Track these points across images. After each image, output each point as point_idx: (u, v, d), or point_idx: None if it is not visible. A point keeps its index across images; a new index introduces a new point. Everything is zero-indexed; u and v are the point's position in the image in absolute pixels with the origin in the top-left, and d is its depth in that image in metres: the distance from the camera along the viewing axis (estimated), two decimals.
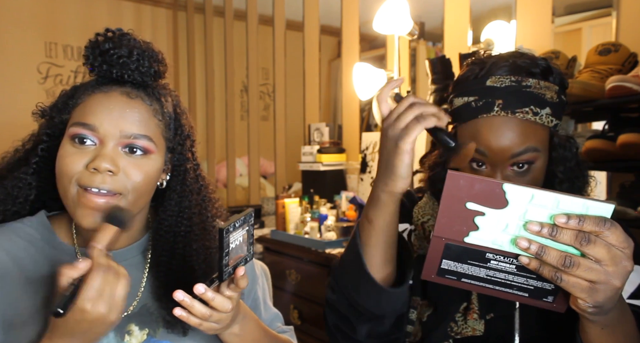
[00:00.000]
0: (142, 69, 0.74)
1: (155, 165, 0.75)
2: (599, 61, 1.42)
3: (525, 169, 0.76)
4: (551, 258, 0.53)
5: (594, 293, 0.53)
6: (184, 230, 0.79)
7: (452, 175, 0.55)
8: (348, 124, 2.78)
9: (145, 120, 0.73)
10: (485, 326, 0.80)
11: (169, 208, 0.79)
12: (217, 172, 4.00)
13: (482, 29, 1.98)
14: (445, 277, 0.62)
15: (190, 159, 0.82)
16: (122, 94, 0.73)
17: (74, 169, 0.69)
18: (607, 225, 0.52)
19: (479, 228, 0.57)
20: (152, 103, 0.75)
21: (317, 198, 2.42)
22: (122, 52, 0.72)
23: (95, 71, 0.74)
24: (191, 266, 0.77)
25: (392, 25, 2.06)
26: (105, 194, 0.70)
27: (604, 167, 1.50)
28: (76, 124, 0.71)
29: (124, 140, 0.71)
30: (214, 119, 3.99)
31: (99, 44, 0.72)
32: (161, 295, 0.76)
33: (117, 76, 0.73)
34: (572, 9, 1.76)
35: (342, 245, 2.09)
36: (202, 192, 0.83)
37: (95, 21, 3.93)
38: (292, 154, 3.19)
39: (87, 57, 0.73)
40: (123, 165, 0.71)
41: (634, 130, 1.29)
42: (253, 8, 3.51)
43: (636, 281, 0.75)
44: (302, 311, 2.14)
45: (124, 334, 0.75)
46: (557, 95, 0.78)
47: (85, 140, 0.70)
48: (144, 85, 0.76)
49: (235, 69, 3.77)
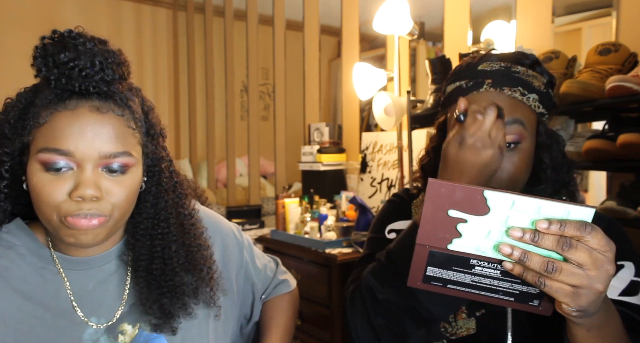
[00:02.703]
0: (107, 78, 0.66)
1: (137, 177, 0.71)
2: (599, 61, 1.42)
3: (512, 148, 0.78)
4: (534, 264, 0.54)
5: (577, 298, 0.54)
6: (161, 232, 0.76)
7: (433, 183, 0.55)
8: (348, 124, 2.78)
9: (121, 134, 0.67)
10: (477, 323, 0.80)
11: (144, 211, 0.76)
12: (217, 172, 4.00)
13: (482, 29, 1.98)
14: (431, 283, 0.62)
15: (165, 157, 0.78)
16: (91, 110, 0.65)
17: (55, 199, 0.64)
18: (588, 229, 0.52)
19: (461, 235, 0.57)
20: (123, 113, 0.68)
21: (317, 198, 2.42)
22: (81, 63, 0.63)
23: (53, 85, 0.65)
24: (172, 268, 0.76)
25: (392, 25, 2.06)
26: (92, 218, 0.66)
27: (604, 167, 1.50)
28: (46, 150, 0.64)
29: (103, 160, 0.66)
30: (214, 119, 3.99)
31: (52, 54, 0.63)
32: (144, 300, 0.74)
33: (81, 90, 0.65)
34: (572, 9, 1.76)
35: (342, 245, 2.09)
36: (177, 190, 0.80)
37: (95, 21, 3.94)
38: (292, 154, 3.19)
39: (40, 69, 0.64)
40: (105, 186, 0.67)
41: (634, 130, 1.29)
42: (253, 8, 3.51)
43: (627, 278, 0.75)
44: (302, 311, 2.14)
45: (117, 334, 0.74)
46: (544, 86, 0.81)
47: (61, 167, 0.64)
48: (112, 94, 0.68)
49: (235, 69, 3.77)
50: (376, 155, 2.47)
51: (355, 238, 2.06)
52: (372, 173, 2.47)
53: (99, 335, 0.73)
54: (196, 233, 0.80)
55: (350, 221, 2.22)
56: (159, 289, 0.74)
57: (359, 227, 2.09)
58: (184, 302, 0.76)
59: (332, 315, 1.99)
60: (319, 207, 2.34)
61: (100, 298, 0.75)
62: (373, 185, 2.46)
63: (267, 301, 0.99)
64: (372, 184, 2.47)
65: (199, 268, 0.78)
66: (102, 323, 0.74)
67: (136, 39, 4.20)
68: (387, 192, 2.38)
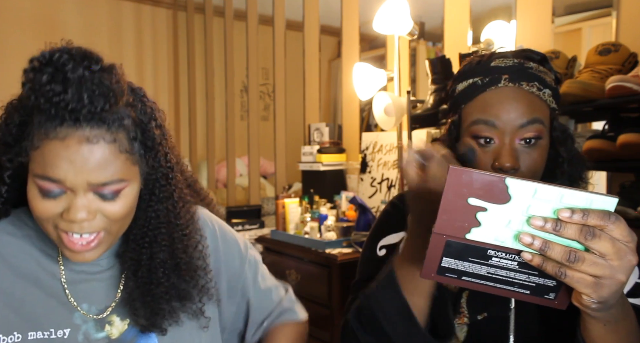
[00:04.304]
0: (97, 109, 0.63)
1: (132, 193, 0.71)
2: (599, 61, 1.42)
3: (532, 143, 0.77)
4: (555, 254, 0.52)
5: (598, 289, 0.53)
6: (148, 241, 0.76)
7: (453, 171, 0.54)
8: (348, 124, 2.78)
9: (111, 162, 0.66)
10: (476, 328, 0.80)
11: (136, 216, 0.76)
12: (217, 172, 4.00)
13: (482, 29, 1.98)
14: (446, 275, 0.61)
15: (163, 165, 0.76)
16: (80, 141, 0.64)
17: (49, 215, 0.67)
18: (611, 218, 0.51)
19: (480, 224, 0.56)
20: (115, 138, 0.66)
21: (317, 198, 2.42)
22: (68, 97, 0.61)
23: (45, 115, 0.64)
24: (157, 278, 0.75)
25: (392, 25, 2.06)
26: (86, 239, 0.69)
27: (604, 167, 1.50)
28: (40, 176, 0.66)
29: (94, 187, 0.67)
30: (214, 119, 3.99)
31: (40, 83, 0.62)
32: (132, 301, 0.75)
33: (71, 120, 0.64)
34: (572, 9, 1.76)
35: (342, 245, 2.09)
36: (173, 198, 0.78)
37: (95, 21, 3.94)
38: (292, 154, 3.19)
39: (29, 97, 0.63)
40: (98, 207, 0.68)
41: (634, 130, 1.29)
42: (253, 8, 3.51)
43: (632, 280, 0.74)
44: None
45: (105, 324, 0.75)
46: (554, 81, 0.81)
47: (53, 192, 0.66)
48: (103, 121, 0.65)
49: (235, 69, 3.77)
50: (376, 155, 2.47)
51: (355, 239, 2.06)
52: (372, 174, 2.47)
53: (88, 319, 0.75)
54: (188, 244, 0.79)
55: (350, 221, 2.22)
56: (144, 296, 0.75)
57: (359, 227, 2.09)
58: (170, 310, 0.76)
59: (332, 315, 1.99)
60: (319, 207, 2.34)
61: (93, 289, 0.77)
62: (373, 185, 2.46)
63: (270, 330, 0.93)
64: (372, 184, 2.47)
65: (186, 280, 0.77)
66: (92, 313, 0.75)
67: (136, 39, 4.20)
68: (387, 192, 2.38)
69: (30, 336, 0.71)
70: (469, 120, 0.80)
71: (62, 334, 0.72)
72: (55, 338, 0.72)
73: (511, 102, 0.76)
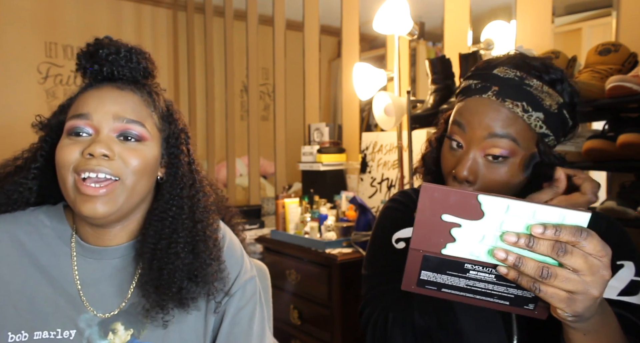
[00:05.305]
0: (131, 64, 0.76)
1: (152, 151, 0.76)
2: (599, 61, 1.42)
3: (500, 161, 0.76)
4: (528, 269, 0.53)
5: (572, 304, 0.53)
6: (172, 215, 0.78)
7: (426, 188, 0.55)
8: (348, 124, 2.78)
9: (137, 107, 0.76)
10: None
11: (160, 198, 0.80)
12: (217, 172, 4.00)
13: (482, 29, 1.98)
14: (425, 287, 0.62)
15: (185, 151, 0.83)
16: (113, 87, 0.76)
17: (70, 158, 0.71)
18: (583, 234, 0.51)
19: (455, 240, 0.56)
20: (143, 95, 0.77)
21: (317, 198, 2.42)
22: (109, 50, 0.75)
23: (87, 74, 0.77)
24: (176, 251, 0.76)
25: (392, 25, 2.06)
26: (103, 180, 0.71)
27: (604, 167, 1.50)
28: (71, 117, 0.74)
29: (118, 124, 0.73)
30: (214, 119, 3.99)
31: (89, 49, 0.76)
32: (143, 282, 0.76)
33: (108, 73, 0.76)
34: (572, 9, 1.76)
35: (342, 245, 2.09)
36: (195, 186, 0.82)
37: (95, 21, 3.94)
38: (292, 154, 3.19)
39: (80, 63, 0.77)
40: (119, 151, 0.73)
41: (634, 130, 1.29)
42: (253, 8, 3.51)
43: (627, 278, 0.74)
44: (302, 311, 2.14)
45: (109, 331, 0.76)
46: (558, 107, 0.76)
47: (81, 132, 0.73)
48: (135, 81, 0.78)
49: (235, 69, 3.77)
50: (376, 155, 2.47)
51: (355, 239, 2.06)
52: (372, 174, 2.47)
53: (93, 323, 0.75)
54: (207, 224, 0.81)
55: (350, 221, 2.22)
56: (159, 270, 0.75)
57: (359, 227, 2.09)
58: (181, 286, 0.76)
59: (332, 315, 1.99)
60: (319, 207, 2.34)
61: (104, 290, 0.77)
62: (373, 185, 2.46)
63: None
64: (372, 184, 2.47)
65: (202, 258, 0.79)
66: (100, 313, 0.76)
67: (136, 39, 4.19)
68: (387, 192, 2.38)
69: (36, 336, 0.72)
70: (451, 120, 0.82)
71: (68, 335, 0.73)
72: (61, 338, 0.73)
73: (487, 113, 0.75)
